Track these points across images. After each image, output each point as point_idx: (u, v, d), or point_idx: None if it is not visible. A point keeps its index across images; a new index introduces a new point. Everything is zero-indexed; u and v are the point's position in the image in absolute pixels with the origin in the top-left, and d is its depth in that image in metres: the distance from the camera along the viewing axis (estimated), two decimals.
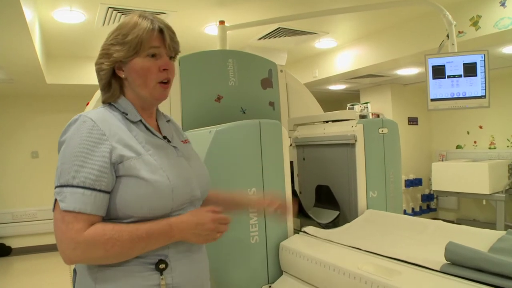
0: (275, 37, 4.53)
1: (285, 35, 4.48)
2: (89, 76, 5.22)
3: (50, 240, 5.98)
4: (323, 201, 2.41)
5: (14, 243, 5.99)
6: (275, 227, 1.87)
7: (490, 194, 5.15)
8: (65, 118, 6.68)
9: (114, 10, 3.49)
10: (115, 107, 1.22)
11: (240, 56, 2.63)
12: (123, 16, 3.63)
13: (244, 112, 2.56)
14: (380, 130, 2.21)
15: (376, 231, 1.82)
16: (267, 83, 2.70)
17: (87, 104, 2.40)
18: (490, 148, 6.03)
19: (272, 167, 1.87)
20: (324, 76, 5.61)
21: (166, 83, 1.21)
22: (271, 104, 2.71)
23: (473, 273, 1.20)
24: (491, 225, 5.34)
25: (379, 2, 3.17)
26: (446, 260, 1.28)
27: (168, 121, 1.37)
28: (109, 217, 1.12)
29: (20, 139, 6.13)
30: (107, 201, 1.09)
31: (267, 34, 4.41)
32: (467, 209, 6.32)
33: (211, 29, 4.19)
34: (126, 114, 1.20)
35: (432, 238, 1.63)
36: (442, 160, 6.48)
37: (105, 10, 3.50)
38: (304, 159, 2.61)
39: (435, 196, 6.57)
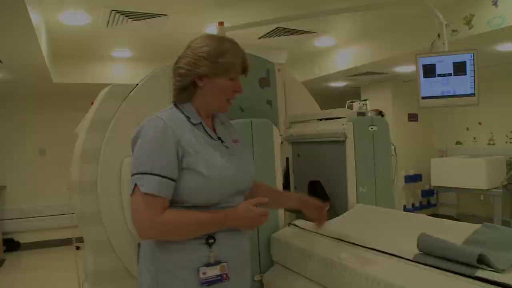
0: (274, 37, 4.61)
1: (283, 35, 4.56)
2: (94, 75, 5.36)
3: (57, 235, 6.08)
4: (315, 196, 2.50)
5: (22, 238, 6.08)
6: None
7: (487, 190, 5.20)
8: (71, 115, 6.70)
9: (117, 12, 3.59)
10: (180, 110, 1.42)
11: None
12: (125, 18, 3.73)
13: (242, 111, 2.61)
14: (369, 128, 2.30)
15: (362, 224, 1.92)
16: (265, 82, 2.76)
17: (92, 103, 2.47)
18: (489, 144, 6.08)
19: (264, 164, 1.98)
20: (324, 73, 5.68)
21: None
22: (269, 102, 2.77)
23: (441, 262, 1.30)
24: (489, 220, 5.39)
25: (374, 3, 3.25)
26: (418, 250, 1.39)
27: (222, 123, 1.56)
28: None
29: (28, 136, 6.21)
30: (173, 188, 1.31)
31: (266, 34, 4.48)
32: (467, 205, 6.37)
33: (212, 30, 4.26)
34: (189, 118, 1.40)
35: (413, 230, 1.73)
36: (442, 156, 6.53)
37: (108, 13, 3.61)
38: (298, 155, 2.70)
39: (435, 191, 6.63)
